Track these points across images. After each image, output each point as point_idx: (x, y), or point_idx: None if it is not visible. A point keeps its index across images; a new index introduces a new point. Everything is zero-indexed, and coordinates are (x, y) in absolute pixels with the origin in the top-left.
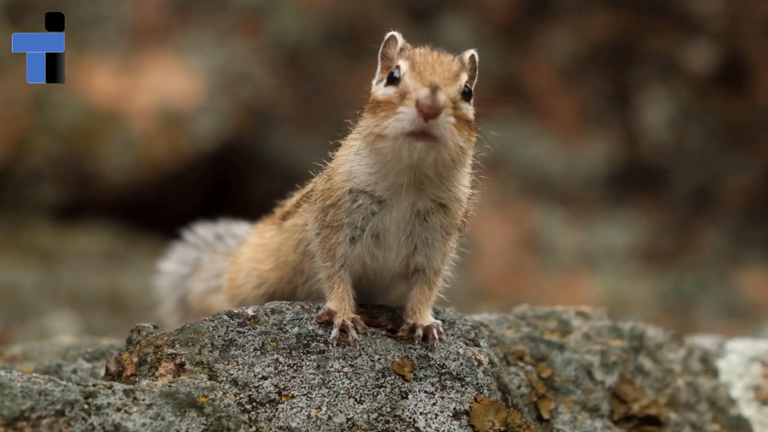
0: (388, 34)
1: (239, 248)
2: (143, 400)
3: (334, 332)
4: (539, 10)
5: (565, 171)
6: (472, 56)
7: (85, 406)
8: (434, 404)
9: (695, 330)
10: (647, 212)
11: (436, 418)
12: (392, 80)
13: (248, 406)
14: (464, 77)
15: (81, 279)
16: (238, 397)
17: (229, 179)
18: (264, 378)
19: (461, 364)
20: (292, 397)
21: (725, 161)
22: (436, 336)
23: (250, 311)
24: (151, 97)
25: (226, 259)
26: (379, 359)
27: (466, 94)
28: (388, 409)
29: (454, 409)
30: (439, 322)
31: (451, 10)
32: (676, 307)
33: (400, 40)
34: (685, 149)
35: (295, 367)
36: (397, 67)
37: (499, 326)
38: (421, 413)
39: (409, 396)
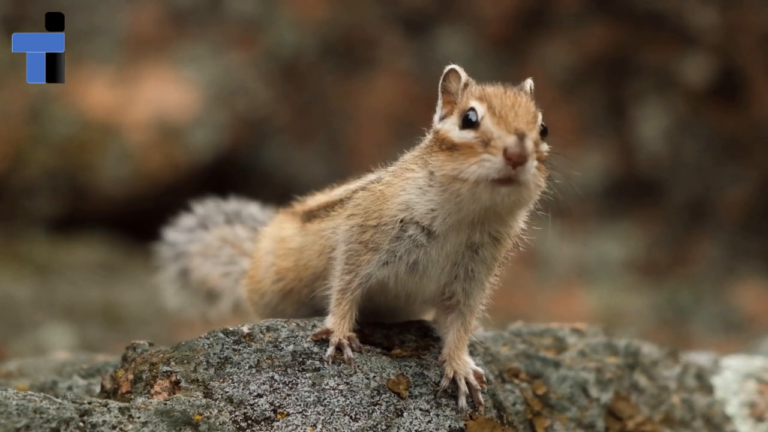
0: (448, 68)
1: (257, 243)
2: (138, 417)
3: (330, 350)
4: (535, 23)
5: (560, 183)
6: (531, 86)
7: (80, 424)
8: (429, 422)
9: (691, 343)
10: (643, 225)
11: None
12: (469, 123)
13: (243, 424)
14: (540, 116)
15: (77, 291)
16: (233, 415)
17: (225, 191)
18: (259, 396)
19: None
20: (288, 414)
21: (721, 174)
22: (478, 387)
23: (245, 329)
24: (147, 109)
25: (234, 248)
26: (374, 377)
27: (542, 133)
28: (384, 427)
29: (450, 426)
30: (479, 368)
31: (447, 23)
32: (672, 320)
33: (463, 75)
34: (681, 162)
35: (290, 385)
36: (472, 109)
37: (494, 343)
38: (416, 431)
39: (405, 414)
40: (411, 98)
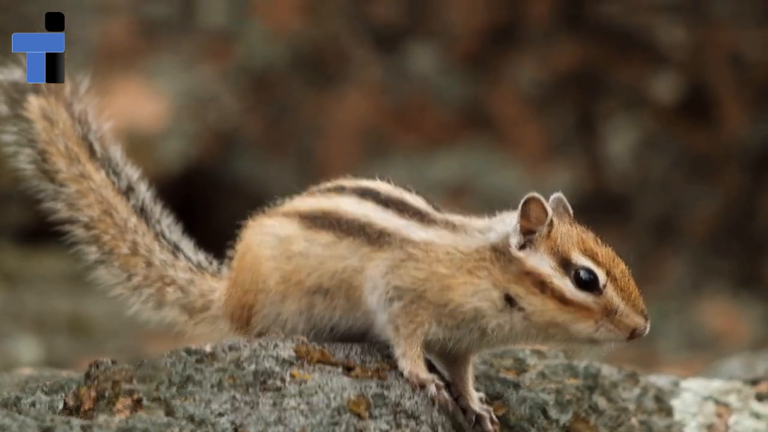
0: (530, 196)
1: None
2: None
3: (434, 391)
4: (505, 39)
5: None
6: (564, 202)
7: None
8: None
9: (656, 361)
10: (610, 241)
11: None
12: (585, 285)
13: None
14: None
15: (45, 302)
16: None
17: (195, 203)
18: (221, 414)
19: (416, 402)
20: None
21: (688, 191)
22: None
23: (208, 348)
24: (117, 121)
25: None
26: (334, 397)
27: None
28: None
29: None
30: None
31: (418, 38)
32: None
33: (549, 210)
34: (649, 179)
35: (251, 404)
36: (588, 271)
37: None
38: None
39: None
40: (381, 112)
